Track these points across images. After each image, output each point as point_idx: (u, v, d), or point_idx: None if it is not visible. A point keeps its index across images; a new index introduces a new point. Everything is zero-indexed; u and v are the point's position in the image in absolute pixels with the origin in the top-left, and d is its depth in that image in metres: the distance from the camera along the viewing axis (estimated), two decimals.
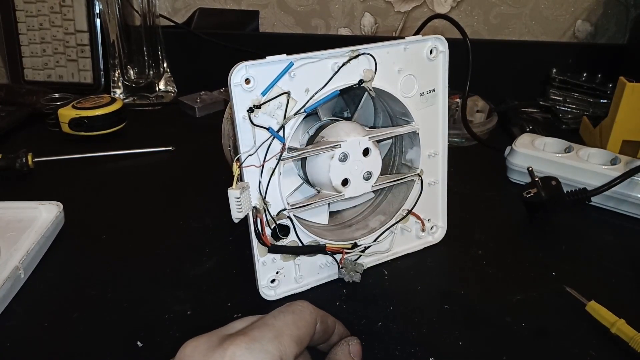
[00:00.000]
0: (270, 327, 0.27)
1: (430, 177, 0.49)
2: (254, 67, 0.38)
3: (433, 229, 0.51)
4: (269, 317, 0.28)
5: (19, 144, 0.71)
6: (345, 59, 0.41)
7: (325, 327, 0.31)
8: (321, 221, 0.47)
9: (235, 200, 0.38)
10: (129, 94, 0.88)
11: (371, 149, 0.43)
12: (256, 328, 0.27)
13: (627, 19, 0.92)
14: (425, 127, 0.47)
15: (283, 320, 0.28)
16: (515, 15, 0.94)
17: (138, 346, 0.39)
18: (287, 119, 0.40)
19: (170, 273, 0.47)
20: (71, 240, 0.52)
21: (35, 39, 0.91)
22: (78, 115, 0.72)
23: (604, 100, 0.80)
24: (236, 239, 0.51)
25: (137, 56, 0.86)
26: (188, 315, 0.42)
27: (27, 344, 0.39)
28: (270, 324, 0.28)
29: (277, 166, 0.41)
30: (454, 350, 0.39)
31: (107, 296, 0.44)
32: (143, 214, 0.57)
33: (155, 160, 0.70)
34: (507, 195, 0.61)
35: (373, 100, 0.48)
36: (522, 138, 0.65)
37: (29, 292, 0.45)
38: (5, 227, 0.50)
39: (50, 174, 0.65)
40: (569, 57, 0.88)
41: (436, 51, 0.45)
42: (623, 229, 0.55)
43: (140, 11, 0.84)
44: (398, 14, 0.96)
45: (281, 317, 0.28)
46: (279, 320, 0.28)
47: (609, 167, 0.57)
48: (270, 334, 0.27)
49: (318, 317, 0.30)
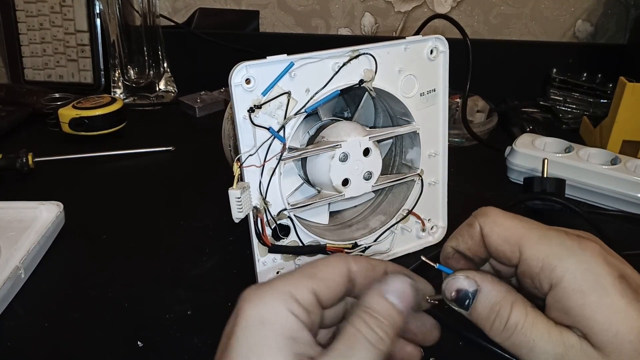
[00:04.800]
0: (287, 273, 0.26)
1: (430, 177, 0.49)
2: (254, 67, 0.38)
3: (433, 229, 0.51)
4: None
5: (19, 144, 0.71)
6: (345, 59, 0.41)
7: (367, 264, 0.27)
8: (321, 221, 0.47)
9: (235, 200, 0.38)
10: (129, 94, 0.88)
11: (371, 149, 0.43)
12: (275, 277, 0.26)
13: (627, 19, 0.92)
14: (426, 127, 0.47)
15: (302, 267, 0.26)
16: (515, 15, 0.94)
17: (138, 346, 0.39)
18: (287, 119, 0.40)
19: (171, 273, 0.47)
20: (71, 240, 0.52)
21: (36, 39, 0.91)
22: (78, 115, 0.72)
23: (604, 100, 0.80)
24: (236, 239, 0.51)
25: (137, 56, 0.86)
26: (188, 315, 0.42)
27: (27, 344, 0.39)
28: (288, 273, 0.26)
29: (278, 166, 0.41)
30: (455, 350, 0.39)
31: (107, 296, 0.44)
32: (143, 214, 0.57)
33: (155, 160, 0.70)
34: (507, 195, 0.61)
35: (373, 100, 0.48)
36: (522, 138, 0.65)
37: (30, 292, 0.45)
38: (5, 227, 0.50)
39: (50, 174, 0.65)
40: (569, 57, 0.88)
41: (436, 51, 0.45)
42: (623, 229, 0.55)
43: (140, 11, 0.83)
44: (398, 14, 0.96)
45: (303, 266, 0.26)
46: (299, 268, 0.26)
47: (609, 167, 0.57)
48: (283, 276, 0.25)
49: (350, 258, 0.27)
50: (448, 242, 0.30)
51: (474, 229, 0.28)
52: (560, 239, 0.26)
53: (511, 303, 0.25)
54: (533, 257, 0.26)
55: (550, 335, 0.24)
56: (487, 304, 0.26)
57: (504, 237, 0.27)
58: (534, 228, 0.27)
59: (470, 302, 0.26)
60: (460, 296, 0.26)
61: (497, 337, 0.25)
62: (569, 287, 0.24)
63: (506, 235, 0.27)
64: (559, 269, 0.25)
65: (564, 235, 0.26)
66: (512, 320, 0.25)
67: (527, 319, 0.25)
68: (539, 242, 0.26)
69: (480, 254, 0.29)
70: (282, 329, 0.23)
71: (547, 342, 0.24)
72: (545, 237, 0.26)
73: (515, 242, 0.26)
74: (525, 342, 0.24)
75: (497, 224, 0.27)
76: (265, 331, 0.23)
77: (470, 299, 0.26)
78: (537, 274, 0.25)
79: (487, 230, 0.28)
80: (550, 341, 0.24)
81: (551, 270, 0.25)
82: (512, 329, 0.25)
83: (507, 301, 0.25)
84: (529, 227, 0.27)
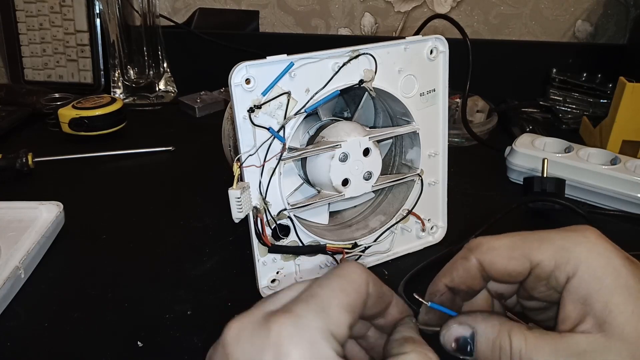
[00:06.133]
0: (316, 297, 0.24)
1: (430, 177, 0.49)
2: (254, 67, 0.38)
3: (433, 229, 0.51)
4: (315, 286, 0.25)
5: (19, 144, 0.71)
6: (345, 59, 0.41)
7: (379, 291, 0.27)
8: (321, 221, 0.47)
9: (235, 200, 0.38)
10: (129, 94, 0.88)
11: (371, 149, 0.43)
12: (301, 302, 0.24)
13: (627, 19, 0.92)
14: (426, 127, 0.47)
15: (329, 287, 0.25)
16: (515, 16, 0.94)
17: (138, 346, 0.39)
18: (287, 119, 0.40)
19: (171, 273, 0.47)
20: (71, 240, 0.52)
21: (35, 39, 0.91)
22: (78, 115, 0.72)
23: (604, 100, 0.80)
24: (236, 239, 0.51)
25: (137, 56, 0.86)
26: (188, 315, 0.42)
27: (27, 344, 0.39)
28: (315, 294, 0.24)
29: (278, 166, 0.41)
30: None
31: (108, 296, 0.44)
32: (143, 214, 0.57)
33: (155, 160, 0.70)
34: (507, 195, 0.61)
35: (373, 100, 0.48)
36: (522, 138, 0.65)
37: (30, 292, 0.45)
38: (5, 227, 0.50)
39: (50, 174, 0.65)
40: (569, 57, 0.88)
41: (436, 51, 0.45)
42: (623, 229, 0.55)
43: (140, 11, 0.83)
44: (398, 14, 0.96)
45: (327, 285, 0.25)
46: (325, 289, 0.25)
47: (609, 167, 0.57)
48: (317, 306, 0.24)
49: (370, 279, 0.26)
50: (441, 278, 0.29)
51: (470, 262, 0.28)
52: (561, 234, 0.26)
53: (508, 333, 0.25)
54: (544, 259, 0.26)
55: (557, 349, 0.24)
56: (487, 342, 0.26)
57: (508, 255, 0.27)
58: (529, 235, 0.27)
59: (471, 346, 0.26)
60: (460, 344, 0.27)
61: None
62: (584, 274, 0.25)
63: (509, 254, 0.27)
64: (573, 259, 0.25)
65: (561, 231, 0.27)
66: (515, 349, 0.25)
67: (528, 343, 0.25)
68: (542, 245, 0.26)
69: (475, 286, 0.29)
70: None
71: (555, 357, 0.24)
72: (545, 239, 0.26)
73: (520, 255, 0.27)
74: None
75: (496, 248, 0.28)
76: None
77: (471, 344, 0.26)
78: (552, 272, 0.26)
79: (489, 259, 0.28)
80: (559, 355, 0.24)
81: (566, 264, 0.25)
82: (517, 357, 0.25)
83: (503, 332, 0.25)
84: (524, 236, 0.27)
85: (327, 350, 0.22)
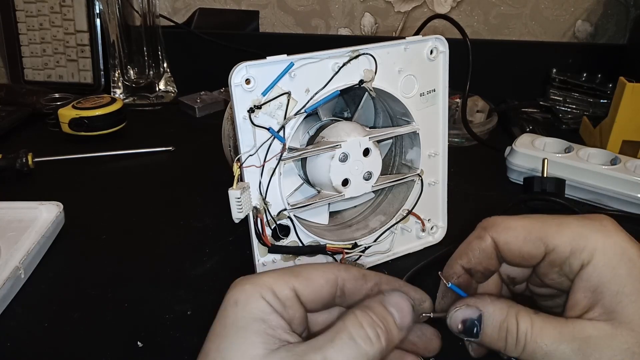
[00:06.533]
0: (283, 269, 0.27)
1: (430, 177, 0.49)
2: (254, 67, 0.38)
3: (433, 229, 0.51)
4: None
5: (19, 144, 0.71)
6: (345, 59, 0.41)
7: (356, 275, 0.27)
8: (321, 221, 0.47)
9: (235, 200, 0.38)
10: (129, 94, 0.88)
11: (371, 149, 0.43)
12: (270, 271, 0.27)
13: (627, 19, 0.92)
14: (426, 127, 0.47)
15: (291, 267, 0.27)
16: (515, 16, 0.94)
17: (138, 346, 0.39)
18: (287, 119, 0.40)
19: (171, 273, 0.47)
20: (71, 240, 0.52)
21: (35, 39, 0.91)
22: (78, 115, 0.72)
23: (604, 100, 0.80)
24: (236, 239, 0.51)
25: (137, 56, 0.86)
26: (188, 315, 0.42)
27: (27, 344, 0.39)
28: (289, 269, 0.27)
29: (278, 166, 0.41)
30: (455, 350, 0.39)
31: (107, 296, 0.44)
32: (143, 214, 0.57)
33: (155, 160, 0.70)
34: (507, 195, 0.61)
35: (373, 100, 0.48)
36: (522, 138, 0.65)
37: (29, 292, 0.45)
38: (5, 227, 0.50)
39: (50, 174, 0.65)
40: (569, 57, 0.88)
41: (436, 51, 0.45)
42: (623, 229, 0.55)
43: (140, 11, 0.83)
44: (398, 14, 0.96)
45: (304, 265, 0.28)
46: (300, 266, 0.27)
47: (609, 167, 0.57)
48: (274, 272, 0.26)
49: (342, 267, 0.27)
50: (457, 259, 0.29)
51: (485, 242, 0.28)
52: (579, 221, 0.26)
53: (515, 315, 0.25)
54: (560, 244, 0.26)
55: (561, 334, 0.24)
56: (495, 324, 0.26)
57: (524, 237, 0.27)
58: (548, 219, 0.27)
59: (478, 329, 0.26)
60: (467, 326, 0.26)
61: (514, 352, 0.25)
62: (599, 263, 0.25)
63: (525, 235, 0.27)
64: (589, 247, 0.25)
65: (580, 218, 0.26)
66: (521, 331, 0.25)
67: (534, 326, 0.25)
68: (560, 229, 0.26)
69: (491, 266, 0.29)
70: (251, 310, 0.24)
71: (560, 341, 0.24)
72: (563, 224, 0.26)
73: (536, 237, 0.27)
74: (539, 348, 0.24)
75: (512, 228, 0.27)
76: (236, 311, 0.24)
77: (477, 326, 0.26)
78: (567, 258, 0.26)
79: (504, 238, 0.28)
80: (564, 339, 0.24)
81: (581, 251, 0.25)
82: (522, 340, 0.25)
83: (511, 315, 0.25)
84: (543, 220, 0.27)
85: (254, 294, 0.25)
